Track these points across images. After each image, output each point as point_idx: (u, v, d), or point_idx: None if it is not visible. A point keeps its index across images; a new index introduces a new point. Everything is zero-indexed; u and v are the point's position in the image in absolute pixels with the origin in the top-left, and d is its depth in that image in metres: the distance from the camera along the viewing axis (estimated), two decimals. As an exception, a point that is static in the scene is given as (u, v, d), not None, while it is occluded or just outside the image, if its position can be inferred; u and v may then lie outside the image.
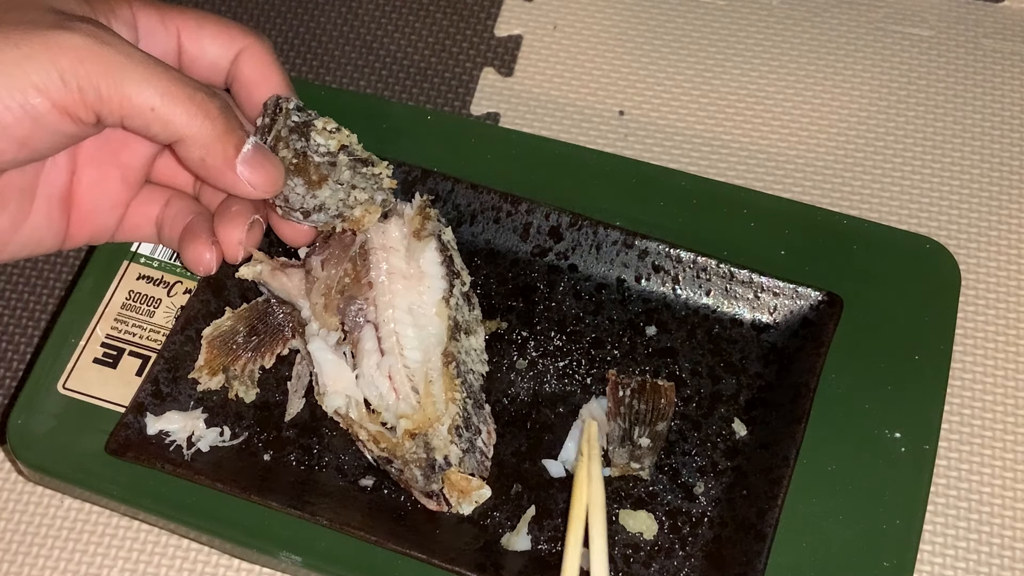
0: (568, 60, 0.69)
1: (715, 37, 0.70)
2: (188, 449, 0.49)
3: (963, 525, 0.54)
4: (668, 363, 0.52)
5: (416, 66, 0.70)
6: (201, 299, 0.52)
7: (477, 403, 0.49)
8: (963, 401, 0.57)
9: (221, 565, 0.54)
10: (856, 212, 0.63)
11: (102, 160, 0.48)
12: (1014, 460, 0.56)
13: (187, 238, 0.48)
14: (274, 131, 0.46)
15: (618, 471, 0.49)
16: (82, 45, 0.40)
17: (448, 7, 0.72)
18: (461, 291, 0.50)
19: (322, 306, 0.49)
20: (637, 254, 0.53)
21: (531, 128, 0.66)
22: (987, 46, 0.69)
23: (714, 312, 0.53)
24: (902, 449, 0.49)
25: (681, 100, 0.68)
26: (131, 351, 0.52)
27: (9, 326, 0.62)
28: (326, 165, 0.47)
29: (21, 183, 0.45)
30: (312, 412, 0.50)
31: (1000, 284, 0.61)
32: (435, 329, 0.48)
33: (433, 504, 0.47)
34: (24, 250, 0.47)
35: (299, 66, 0.70)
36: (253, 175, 0.44)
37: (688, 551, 0.47)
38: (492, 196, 0.54)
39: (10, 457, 0.56)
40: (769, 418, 0.50)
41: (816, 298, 0.51)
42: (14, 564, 0.54)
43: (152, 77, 0.41)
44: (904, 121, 0.67)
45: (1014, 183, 0.64)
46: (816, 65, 0.69)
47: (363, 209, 0.48)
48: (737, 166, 0.65)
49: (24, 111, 0.40)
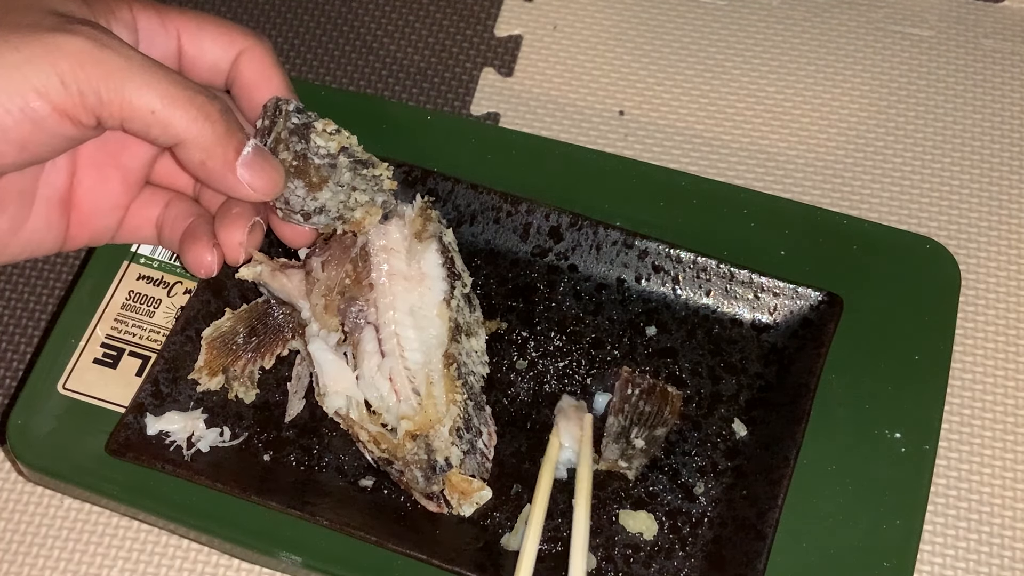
0: (568, 60, 0.69)
1: (715, 37, 0.70)
2: (188, 449, 0.49)
3: (963, 525, 0.54)
4: (668, 363, 0.52)
5: (416, 66, 0.70)
6: (201, 299, 0.52)
7: (478, 405, 0.49)
8: (963, 401, 0.57)
9: (221, 565, 0.54)
10: (856, 212, 0.63)
11: (102, 162, 0.48)
12: (1014, 460, 0.56)
13: (188, 240, 0.48)
14: (274, 133, 0.46)
15: (606, 466, 0.49)
16: (82, 48, 0.40)
17: (448, 7, 0.72)
18: (462, 292, 0.50)
19: (322, 307, 0.49)
20: (637, 254, 0.53)
21: (531, 128, 0.66)
22: (987, 46, 0.69)
23: (714, 312, 0.53)
24: (902, 449, 0.49)
25: (681, 100, 0.68)
26: (131, 351, 0.52)
27: (9, 326, 0.62)
28: (326, 167, 0.47)
29: (21, 185, 0.45)
30: (312, 412, 0.50)
31: (1000, 284, 0.61)
32: (436, 331, 0.48)
33: (433, 506, 0.48)
34: (24, 252, 0.47)
35: (299, 66, 0.70)
36: (253, 178, 0.44)
37: (688, 551, 0.47)
38: (492, 196, 0.54)
39: (10, 457, 0.56)
40: (769, 418, 0.50)
41: (816, 298, 0.51)
42: (14, 564, 0.54)
43: (152, 80, 0.41)
44: (904, 121, 0.67)
45: (1014, 183, 0.64)
46: (816, 65, 0.69)
47: (363, 211, 0.48)
48: (737, 166, 0.65)
49: (24, 114, 0.40)
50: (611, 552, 0.47)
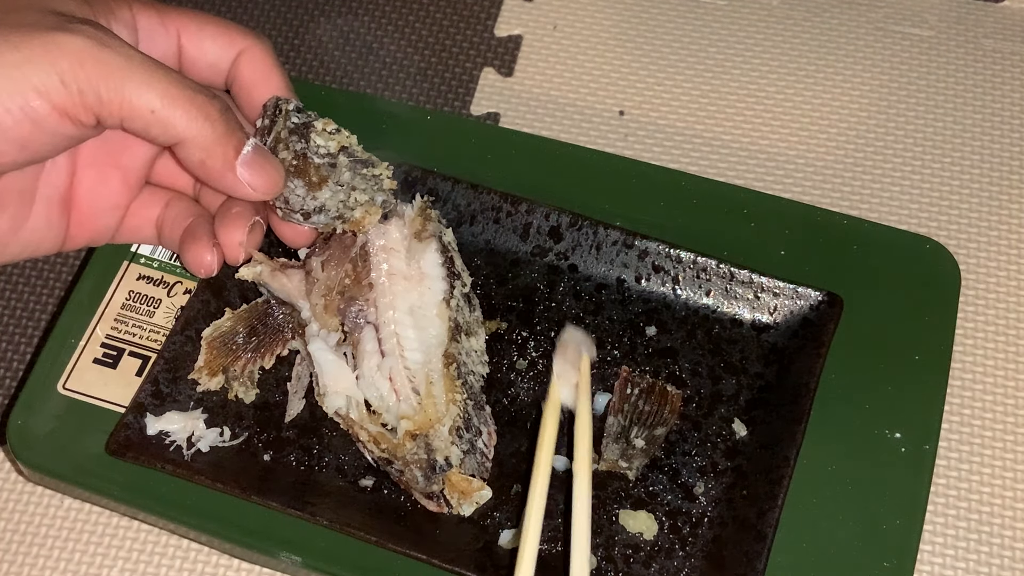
0: (568, 60, 0.69)
1: (715, 37, 0.70)
2: (188, 449, 0.49)
3: (963, 525, 0.54)
4: (668, 363, 0.52)
5: (416, 66, 0.70)
6: (201, 299, 0.52)
7: (478, 404, 0.49)
8: (963, 401, 0.57)
9: (221, 565, 0.54)
10: (856, 212, 0.63)
11: (102, 162, 0.48)
12: (1014, 460, 0.56)
13: (188, 240, 0.48)
14: (274, 133, 0.46)
15: (606, 466, 0.49)
16: (82, 47, 0.40)
17: (448, 7, 0.72)
18: (462, 292, 0.50)
19: (322, 307, 0.49)
20: (637, 254, 0.53)
21: (531, 128, 0.66)
22: (987, 46, 0.69)
23: (714, 312, 0.53)
24: (902, 449, 0.49)
25: (681, 100, 0.68)
26: (131, 351, 0.52)
27: (9, 326, 0.62)
28: (326, 167, 0.47)
29: (21, 185, 0.45)
30: (312, 412, 0.50)
31: (1000, 284, 0.61)
32: (436, 330, 0.48)
33: (433, 505, 0.48)
34: (24, 252, 0.47)
35: (299, 66, 0.70)
36: (253, 177, 0.44)
37: (688, 551, 0.47)
38: (492, 196, 0.54)
39: (10, 457, 0.56)
40: (769, 418, 0.50)
41: (816, 298, 0.51)
42: (14, 564, 0.54)
43: (152, 79, 0.41)
44: (904, 121, 0.67)
45: (1014, 183, 0.64)
46: (816, 65, 0.69)
47: (363, 210, 0.48)
48: (737, 166, 0.65)
49: (24, 113, 0.40)
50: (611, 552, 0.47)
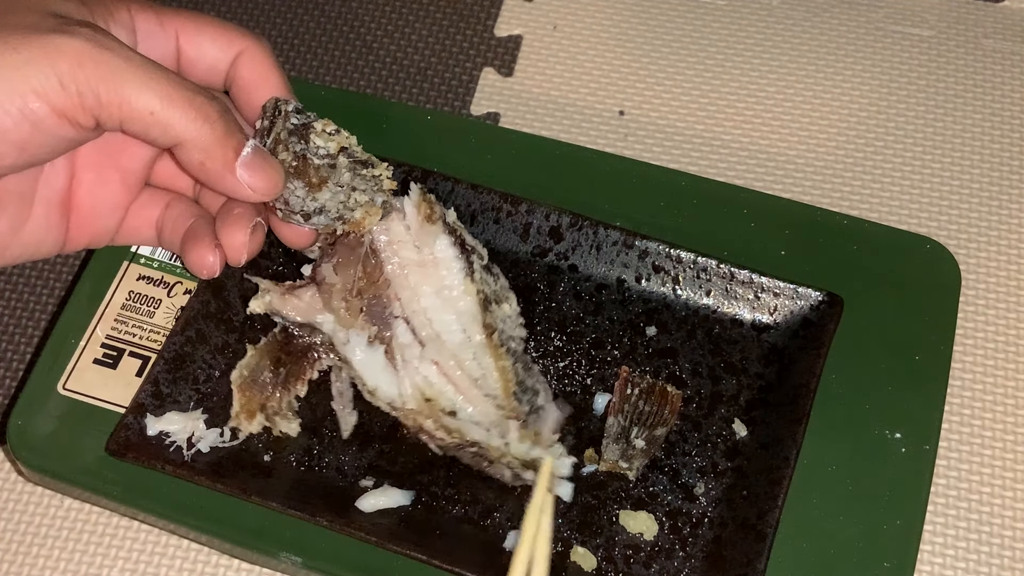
0: (568, 60, 0.69)
1: (715, 37, 0.70)
2: (188, 450, 0.49)
3: (963, 525, 0.54)
4: (668, 363, 0.52)
5: (416, 66, 0.70)
6: (201, 299, 0.52)
7: (526, 366, 0.49)
8: (963, 401, 0.57)
9: (221, 565, 0.54)
10: (856, 212, 0.63)
11: (101, 163, 0.48)
12: (1014, 460, 0.56)
13: (190, 241, 0.48)
14: (273, 134, 0.46)
15: (606, 467, 0.49)
16: (81, 49, 0.40)
17: (448, 7, 0.72)
18: (480, 265, 0.49)
19: (344, 311, 0.48)
20: (637, 254, 0.53)
21: (531, 128, 0.66)
22: (987, 46, 0.69)
23: (714, 312, 0.53)
24: (902, 449, 0.49)
25: (681, 100, 0.68)
26: (131, 352, 0.52)
27: (9, 326, 0.62)
28: (326, 167, 0.47)
29: (20, 187, 0.45)
30: (312, 412, 0.51)
31: (1000, 284, 0.61)
32: (467, 306, 0.48)
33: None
34: (24, 254, 0.47)
35: (299, 66, 0.70)
36: (253, 178, 0.44)
37: (688, 551, 0.47)
38: (492, 196, 0.54)
39: (10, 457, 0.56)
40: (769, 418, 0.50)
41: (816, 298, 0.51)
42: (14, 564, 0.54)
43: (151, 81, 0.41)
44: (904, 121, 0.67)
45: (1014, 183, 0.64)
46: (816, 65, 0.69)
47: (363, 211, 0.48)
48: (737, 166, 0.65)
49: (23, 115, 0.40)
50: (611, 552, 0.47)
